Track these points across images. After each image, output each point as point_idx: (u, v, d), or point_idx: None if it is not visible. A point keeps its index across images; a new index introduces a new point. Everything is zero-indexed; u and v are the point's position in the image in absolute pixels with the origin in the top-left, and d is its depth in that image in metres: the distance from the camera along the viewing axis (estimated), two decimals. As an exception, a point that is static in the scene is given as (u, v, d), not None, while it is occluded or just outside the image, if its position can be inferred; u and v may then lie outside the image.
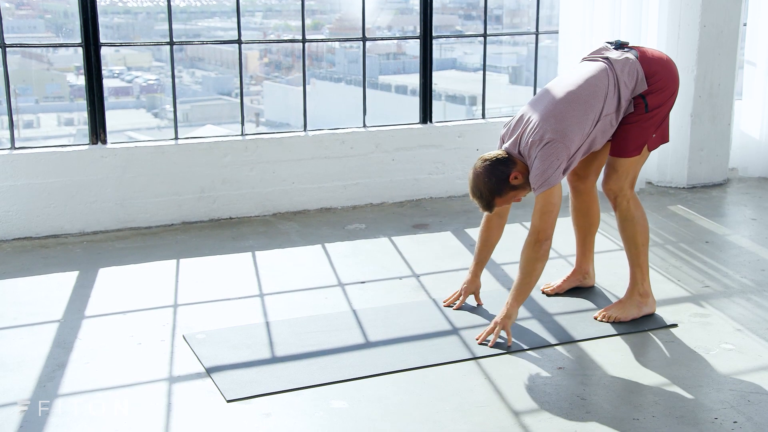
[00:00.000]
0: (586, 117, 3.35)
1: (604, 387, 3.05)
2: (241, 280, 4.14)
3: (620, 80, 3.41)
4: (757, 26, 6.02)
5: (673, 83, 3.50)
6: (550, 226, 3.33)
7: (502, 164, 3.35)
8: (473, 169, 3.40)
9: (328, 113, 14.01)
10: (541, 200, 3.31)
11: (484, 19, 5.86)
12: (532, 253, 3.33)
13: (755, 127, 6.15)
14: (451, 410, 2.89)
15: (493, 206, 3.42)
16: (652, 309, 3.65)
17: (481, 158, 3.40)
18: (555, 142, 3.27)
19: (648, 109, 3.45)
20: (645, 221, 3.61)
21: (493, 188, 3.35)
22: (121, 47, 20.87)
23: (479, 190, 3.37)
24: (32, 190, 4.75)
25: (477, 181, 3.37)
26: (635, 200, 3.59)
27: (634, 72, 3.43)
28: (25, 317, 3.67)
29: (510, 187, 3.36)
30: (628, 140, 3.49)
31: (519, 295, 3.38)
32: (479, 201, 3.40)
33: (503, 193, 3.37)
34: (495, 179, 3.34)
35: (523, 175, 3.36)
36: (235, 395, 2.97)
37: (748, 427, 2.78)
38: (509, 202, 3.44)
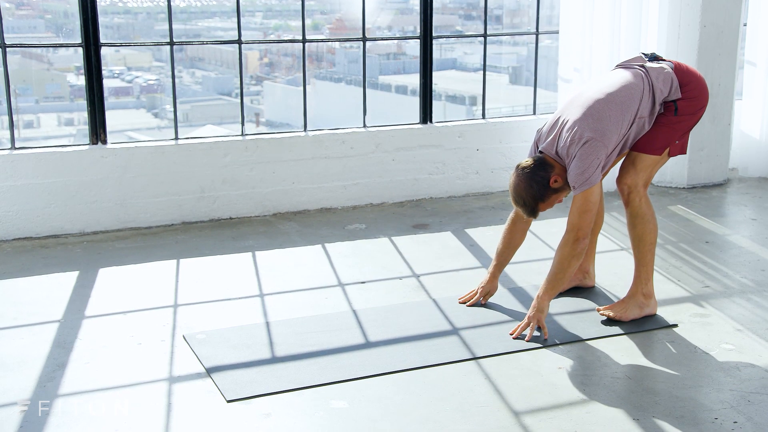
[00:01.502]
0: (623, 117, 3.40)
1: (604, 387, 3.05)
2: (241, 280, 4.14)
3: (655, 87, 3.46)
4: (757, 26, 6.02)
5: (704, 96, 3.57)
6: (587, 225, 3.37)
7: (542, 170, 3.39)
8: (513, 177, 3.43)
9: (328, 113, 14.01)
10: (581, 199, 3.36)
11: (484, 19, 5.86)
12: (570, 250, 3.37)
13: (755, 127, 6.15)
14: (451, 410, 2.89)
15: (537, 212, 3.44)
16: (653, 311, 3.65)
17: (519, 166, 3.43)
18: (594, 140, 3.31)
19: (677, 113, 3.50)
20: (655, 221, 3.62)
21: (535, 195, 3.38)
22: (121, 47, 20.88)
23: (522, 198, 3.41)
24: (32, 190, 4.75)
25: (519, 189, 3.40)
26: (647, 199, 3.61)
27: (669, 80, 3.50)
28: (25, 317, 3.67)
29: (551, 191, 3.40)
30: (655, 138, 3.53)
31: (551, 289, 3.42)
32: (523, 209, 3.44)
33: (545, 197, 3.40)
34: (536, 185, 3.38)
35: (562, 177, 3.40)
36: (235, 395, 2.97)
37: (748, 427, 2.78)
38: (552, 205, 3.47)
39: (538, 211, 3.45)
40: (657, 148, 3.54)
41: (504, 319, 3.63)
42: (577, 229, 3.37)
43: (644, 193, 3.60)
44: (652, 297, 3.64)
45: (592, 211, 3.37)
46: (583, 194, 3.35)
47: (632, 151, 3.59)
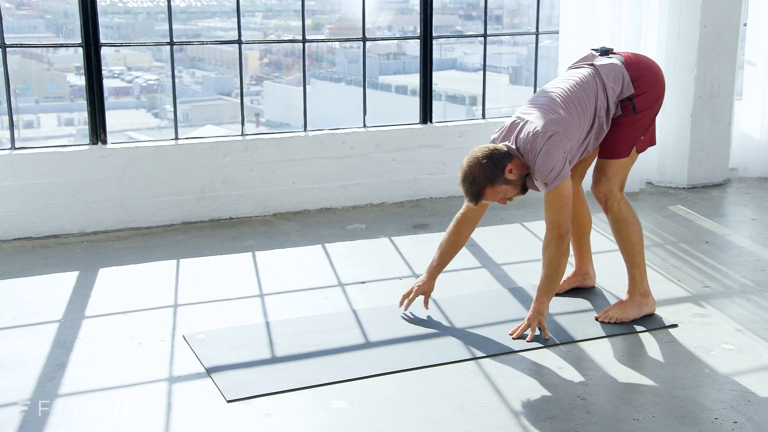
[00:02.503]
0: (583, 117, 3.38)
1: (604, 387, 3.05)
2: (241, 280, 4.14)
3: (607, 85, 3.43)
4: (758, 26, 6.02)
5: (658, 86, 3.53)
6: (567, 220, 3.33)
7: (502, 155, 3.31)
8: (470, 154, 3.33)
9: (328, 113, 14.00)
10: (554, 195, 3.30)
11: (484, 19, 5.86)
12: (557, 249, 3.33)
13: (755, 127, 6.15)
14: (451, 410, 2.89)
15: (481, 196, 3.32)
16: (652, 309, 3.65)
17: (480, 146, 3.36)
18: (558, 134, 3.27)
19: (636, 111, 3.47)
20: (637, 221, 3.62)
21: (488, 175, 3.27)
22: (122, 47, 20.88)
23: (473, 175, 3.29)
24: (32, 190, 4.75)
25: (473, 166, 3.29)
26: (626, 202, 3.60)
27: (620, 76, 3.45)
28: (25, 317, 3.67)
29: (504, 179, 3.30)
30: (618, 142, 3.51)
31: (548, 290, 3.40)
32: (470, 187, 3.31)
33: (496, 182, 3.30)
34: (492, 166, 3.27)
35: (517, 171, 3.32)
36: (236, 395, 2.97)
37: (748, 427, 2.78)
38: (496, 197, 3.35)
39: (483, 197, 3.32)
40: (623, 151, 3.52)
41: (504, 319, 3.63)
42: (558, 226, 3.32)
43: (621, 197, 3.59)
44: (649, 295, 3.64)
45: (568, 206, 3.32)
46: (556, 191, 3.28)
47: (600, 158, 3.57)
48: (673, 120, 5.83)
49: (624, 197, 3.61)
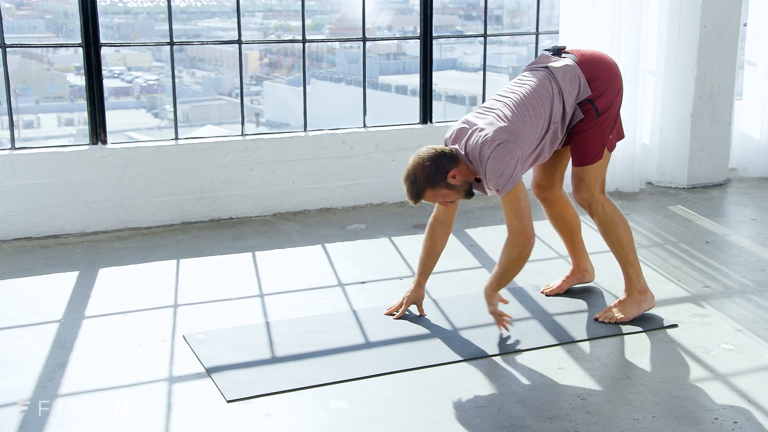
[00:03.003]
0: (536, 122, 3.32)
1: (604, 387, 3.05)
2: (241, 280, 4.14)
3: (563, 89, 3.38)
4: (758, 26, 6.02)
5: (616, 82, 3.49)
6: (530, 225, 3.25)
7: (447, 158, 3.27)
8: (417, 153, 3.30)
9: (328, 113, 14.01)
10: (510, 202, 3.23)
11: (485, 19, 5.86)
12: (518, 253, 3.26)
13: (755, 127, 6.15)
14: (451, 410, 2.88)
15: (420, 197, 3.29)
16: (651, 304, 3.64)
17: (428, 147, 3.31)
18: (508, 142, 3.21)
19: (599, 113, 3.44)
20: (624, 220, 3.59)
21: (429, 177, 3.24)
22: (122, 47, 20.89)
23: (415, 175, 3.26)
24: (32, 191, 4.75)
25: (416, 165, 3.26)
26: (609, 203, 3.58)
27: (576, 78, 3.40)
28: (25, 317, 3.67)
29: (445, 183, 3.27)
30: (588, 147, 3.47)
31: (498, 285, 3.36)
32: (410, 187, 3.27)
33: (437, 185, 3.26)
34: (435, 168, 3.24)
35: (461, 176, 3.28)
36: (236, 395, 2.97)
37: (748, 427, 2.78)
38: (437, 199, 3.33)
39: (422, 198, 3.29)
40: (595, 155, 3.49)
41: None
42: (520, 231, 3.24)
43: (605, 199, 3.56)
44: (647, 291, 3.63)
45: (528, 212, 3.24)
46: (511, 198, 3.22)
47: (574, 166, 3.54)
48: (673, 120, 5.83)
49: (607, 198, 3.58)
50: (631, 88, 5.66)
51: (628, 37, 5.60)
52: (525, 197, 3.25)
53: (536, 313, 3.71)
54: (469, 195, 3.37)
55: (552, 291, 3.91)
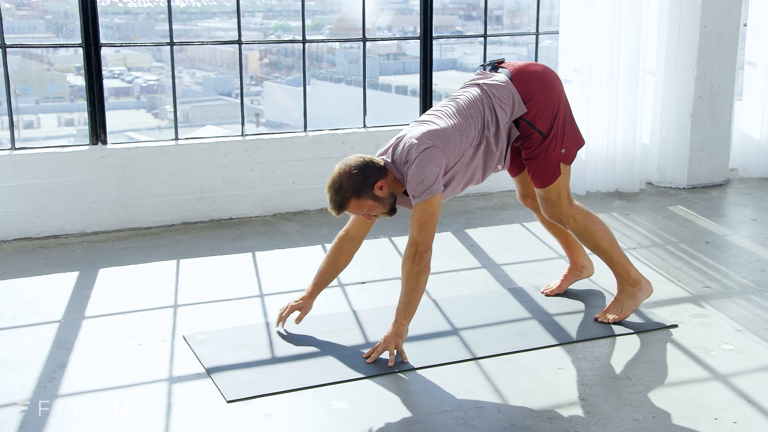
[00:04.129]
0: (466, 132, 3.23)
1: (604, 387, 3.05)
2: (241, 280, 4.15)
3: (495, 105, 3.30)
4: (758, 26, 6.03)
5: (554, 97, 3.38)
6: (430, 237, 3.13)
7: (375, 169, 3.15)
8: (343, 161, 3.18)
9: (328, 113, 14.01)
10: (420, 210, 3.12)
11: (485, 19, 5.86)
12: (415, 266, 3.12)
13: (755, 127, 6.16)
14: (451, 410, 2.88)
15: (344, 208, 3.16)
16: (648, 291, 3.63)
17: (356, 155, 3.20)
18: (435, 147, 3.12)
19: (544, 136, 3.37)
20: (598, 224, 3.55)
21: (355, 186, 3.11)
22: (122, 48, 20.90)
23: (340, 184, 3.13)
24: (33, 191, 4.75)
25: (342, 173, 3.14)
26: (579, 212, 3.53)
27: (509, 95, 3.32)
28: (25, 317, 3.67)
29: (371, 194, 3.15)
30: (543, 170, 3.42)
31: (407, 311, 3.19)
32: (334, 196, 3.14)
33: (362, 196, 3.14)
34: (362, 178, 3.12)
35: (388, 188, 3.18)
36: (236, 396, 2.97)
37: (748, 427, 2.78)
38: (361, 211, 3.20)
39: (345, 208, 3.16)
40: (552, 175, 3.42)
41: (504, 320, 3.63)
42: (418, 242, 3.11)
43: (574, 210, 3.51)
44: (640, 282, 3.61)
45: (433, 224, 3.13)
46: (423, 206, 3.10)
47: (537, 188, 3.49)
48: (673, 120, 5.83)
49: (576, 208, 3.52)
50: (631, 88, 5.67)
51: (628, 37, 5.60)
52: (436, 212, 3.12)
53: (536, 313, 3.71)
54: (393, 211, 3.24)
55: (552, 291, 3.91)
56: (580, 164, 5.70)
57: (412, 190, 3.11)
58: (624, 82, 5.65)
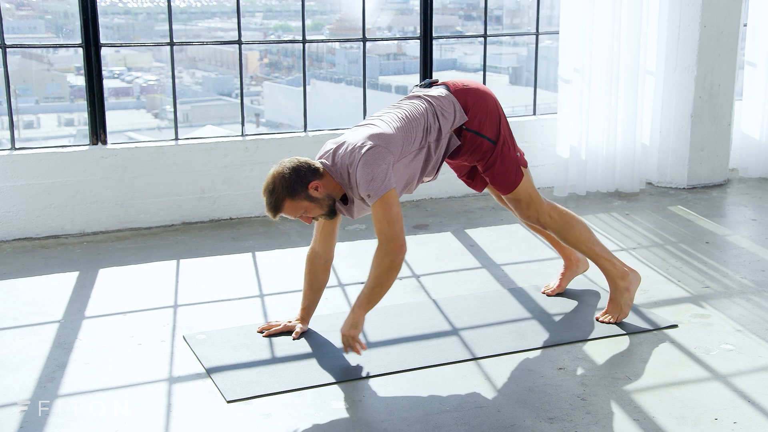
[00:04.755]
0: (409, 134, 3.20)
1: (604, 387, 3.05)
2: (241, 280, 4.15)
3: (438, 112, 3.28)
4: (758, 27, 6.03)
5: (491, 105, 3.40)
6: (401, 230, 3.09)
7: (310, 170, 3.13)
8: (278, 163, 3.17)
9: (328, 114, 14.01)
10: (381, 210, 3.06)
11: (485, 19, 5.86)
12: (390, 262, 3.07)
13: (755, 127, 6.15)
14: (451, 410, 2.88)
15: (279, 209, 3.11)
16: (638, 280, 3.62)
17: (291, 158, 3.18)
18: (378, 146, 3.08)
19: (495, 141, 3.38)
20: (575, 219, 3.56)
21: (288, 187, 3.09)
22: (122, 48, 20.91)
23: (273, 185, 3.10)
24: (32, 191, 4.75)
25: (276, 175, 3.12)
26: (554, 209, 3.54)
27: (451, 104, 3.32)
28: (25, 317, 3.67)
29: (306, 195, 3.11)
30: (505, 174, 3.42)
31: (368, 303, 3.14)
32: (269, 197, 3.11)
33: (297, 196, 3.10)
34: (296, 178, 3.09)
35: (324, 189, 3.14)
36: (236, 396, 2.97)
37: (748, 427, 2.78)
38: (297, 213, 3.15)
39: (281, 210, 3.12)
40: (515, 178, 3.44)
41: (504, 320, 3.63)
42: (392, 239, 3.06)
43: (547, 207, 3.52)
44: (627, 273, 3.59)
45: (399, 219, 3.08)
46: (382, 205, 3.05)
47: (504, 195, 3.50)
48: (673, 120, 5.83)
49: (549, 205, 3.53)
50: (631, 88, 5.67)
51: (628, 37, 5.60)
52: (397, 203, 3.08)
53: (536, 313, 3.71)
54: (332, 213, 3.21)
55: (552, 291, 3.91)
56: (580, 164, 5.70)
57: (365, 190, 3.06)
58: (624, 82, 5.65)
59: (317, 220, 3.27)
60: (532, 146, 5.84)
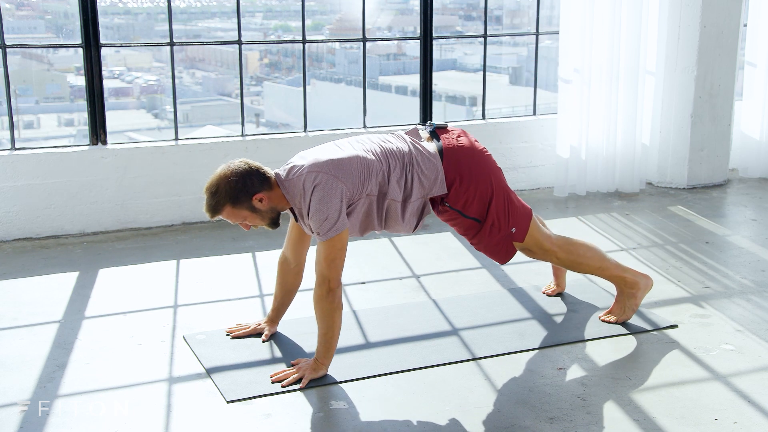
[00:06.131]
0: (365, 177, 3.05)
1: (604, 387, 3.05)
2: (241, 280, 4.15)
3: (416, 173, 3.14)
4: (758, 27, 6.03)
5: (484, 182, 3.23)
6: (340, 273, 3.02)
7: (259, 178, 3.03)
8: (228, 164, 3.06)
9: (328, 114, 14.01)
10: (326, 247, 2.98)
11: (485, 19, 5.86)
12: (328, 304, 3.02)
13: (755, 127, 6.16)
14: (451, 410, 2.89)
15: (217, 212, 3.03)
16: (648, 285, 3.57)
17: (243, 160, 3.08)
18: (329, 177, 2.96)
19: (482, 221, 3.27)
20: (582, 248, 3.48)
21: (231, 192, 2.99)
22: (122, 48, 20.91)
23: (217, 186, 3.01)
24: (33, 191, 4.75)
25: (222, 177, 3.02)
26: (561, 246, 3.44)
27: (434, 172, 3.16)
28: (25, 317, 3.67)
29: (248, 204, 3.02)
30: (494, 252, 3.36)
31: (328, 351, 3.08)
32: (209, 198, 3.03)
33: (239, 204, 3.01)
34: (242, 186, 3.00)
35: (269, 202, 3.05)
36: (235, 396, 2.97)
37: (748, 427, 2.78)
38: (236, 220, 3.07)
39: (219, 213, 3.04)
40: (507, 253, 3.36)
41: (504, 320, 3.63)
42: (329, 279, 2.99)
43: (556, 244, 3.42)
44: (637, 282, 3.55)
45: (342, 259, 3.01)
46: (328, 247, 2.97)
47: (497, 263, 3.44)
48: (673, 120, 5.83)
49: (555, 243, 3.43)
50: (631, 88, 5.67)
51: (628, 37, 5.60)
52: (344, 246, 3.00)
53: (536, 313, 3.71)
54: (274, 225, 3.12)
55: (553, 291, 3.91)
56: (580, 164, 5.70)
57: (317, 227, 2.97)
58: (624, 82, 5.66)
59: (256, 227, 3.17)
60: (532, 146, 5.84)
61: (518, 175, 5.85)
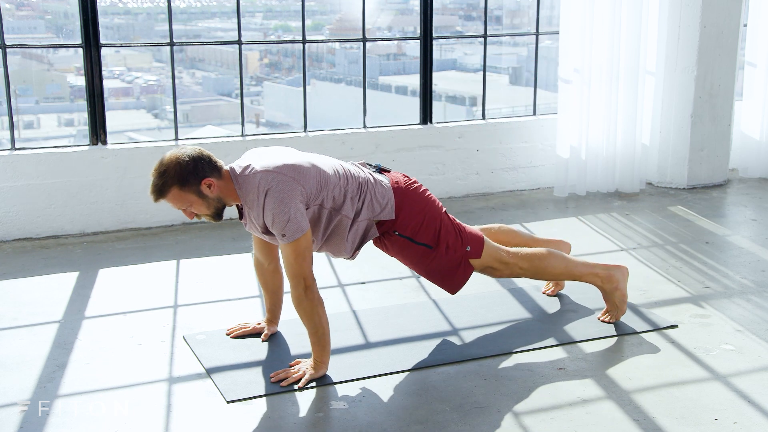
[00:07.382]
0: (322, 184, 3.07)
1: (604, 387, 3.05)
2: (241, 280, 4.15)
3: (369, 194, 3.19)
4: (758, 27, 6.03)
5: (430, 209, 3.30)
6: (311, 268, 3.03)
7: (210, 166, 2.98)
8: (179, 147, 3.01)
9: (328, 114, 14.01)
10: (292, 249, 2.98)
11: (485, 19, 5.86)
12: (308, 302, 3.03)
13: (755, 127, 6.16)
14: (451, 410, 2.89)
15: (164, 195, 2.95)
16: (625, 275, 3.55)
17: (197, 147, 3.04)
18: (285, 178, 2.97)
19: (434, 246, 3.29)
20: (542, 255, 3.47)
21: (180, 175, 2.93)
22: (122, 48, 20.90)
23: (166, 168, 2.94)
24: (33, 191, 4.75)
25: (173, 159, 2.95)
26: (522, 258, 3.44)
27: (386, 198, 3.23)
28: (25, 317, 3.67)
29: (196, 189, 2.96)
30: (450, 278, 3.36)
31: (323, 347, 3.09)
32: (157, 179, 2.95)
33: (186, 188, 2.94)
34: (192, 169, 2.94)
35: (218, 190, 3.00)
36: (235, 396, 2.97)
37: (748, 427, 2.78)
38: (181, 205, 3.00)
39: (165, 195, 2.96)
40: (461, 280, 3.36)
41: (504, 320, 3.63)
42: (303, 277, 3.00)
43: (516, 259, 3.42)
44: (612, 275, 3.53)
45: (310, 254, 3.01)
46: (295, 248, 2.97)
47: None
48: (673, 120, 5.83)
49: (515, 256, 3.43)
50: (631, 88, 5.67)
51: (628, 37, 5.60)
52: (308, 245, 3.00)
53: (536, 313, 3.71)
54: (218, 217, 3.08)
55: (553, 291, 3.91)
56: (580, 164, 5.70)
57: (281, 229, 2.96)
58: (624, 82, 5.66)
59: (200, 218, 3.12)
60: (532, 146, 5.85)
61: (518, 175, 5.85)
